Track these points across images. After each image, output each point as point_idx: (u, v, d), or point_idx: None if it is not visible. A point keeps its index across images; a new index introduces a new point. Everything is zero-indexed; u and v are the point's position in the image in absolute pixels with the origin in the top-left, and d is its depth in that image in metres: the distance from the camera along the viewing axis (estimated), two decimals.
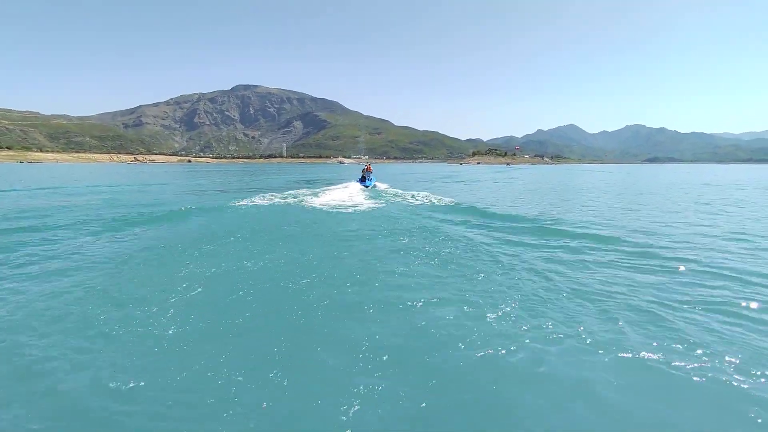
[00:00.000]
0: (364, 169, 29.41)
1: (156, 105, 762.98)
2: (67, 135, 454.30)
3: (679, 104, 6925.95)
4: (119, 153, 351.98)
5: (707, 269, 7.72)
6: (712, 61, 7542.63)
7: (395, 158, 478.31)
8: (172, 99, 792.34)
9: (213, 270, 7.35)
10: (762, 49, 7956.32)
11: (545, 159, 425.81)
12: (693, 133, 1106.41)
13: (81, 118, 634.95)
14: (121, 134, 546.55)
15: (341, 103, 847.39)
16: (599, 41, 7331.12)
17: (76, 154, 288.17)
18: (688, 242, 10.56)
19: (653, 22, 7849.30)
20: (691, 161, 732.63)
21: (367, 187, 25.58)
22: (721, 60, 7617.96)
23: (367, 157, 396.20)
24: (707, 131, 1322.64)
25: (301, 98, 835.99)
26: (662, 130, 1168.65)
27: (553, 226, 12.65)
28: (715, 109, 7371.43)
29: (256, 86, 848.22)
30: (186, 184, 36.94)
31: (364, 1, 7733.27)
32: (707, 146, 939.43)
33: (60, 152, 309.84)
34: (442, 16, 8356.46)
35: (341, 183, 29.68)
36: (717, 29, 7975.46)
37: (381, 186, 27.69)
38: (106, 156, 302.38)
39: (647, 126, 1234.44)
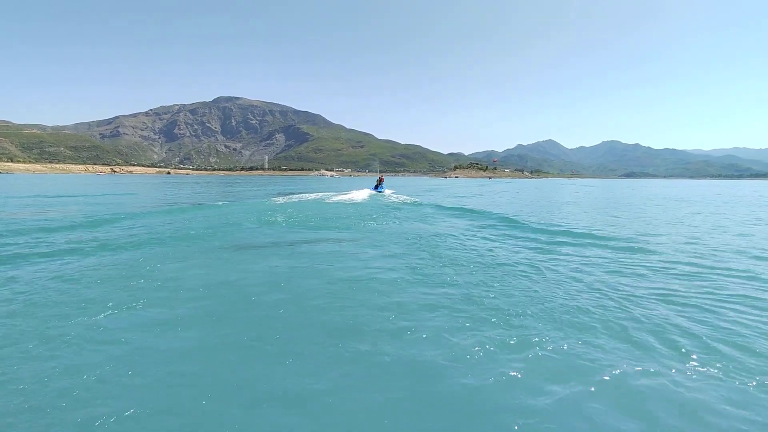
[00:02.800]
0: (377, 179, 37.11)
1: (134, 115, 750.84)
2: (41, 145, 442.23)
3: (653, 121, 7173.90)
4: (95, 164, 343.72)
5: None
6: (683, 81, 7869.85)
7: (377, 171, 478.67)
8: (151, 110, 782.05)
9: (189, 284, 6.74)
10: (730, 70, 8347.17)
11: (525, 173, 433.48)
12: (666, 149, 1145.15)
13: (55, 127, 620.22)
14: (97, 145, 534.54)
15: (324, 116, 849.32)
16: (577, 60, 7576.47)
17: (49, 165, 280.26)
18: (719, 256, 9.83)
19: (627, 46, 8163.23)
20: (665, 176, 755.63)
21: (380, 192, 33.52)
22: (691, 79, 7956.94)
23: (347, 170, 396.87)
24: (679, 147, 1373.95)
25: (284, 111, 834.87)
26: (637, 146, 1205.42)
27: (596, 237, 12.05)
28: (687, 126, 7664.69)
29: (238, 98, 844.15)
30: (165, 195, 35.20)
31: (349, 18, 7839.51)
32: (679, 162, 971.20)
33: (32, 163, 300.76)
34: (425, 34, 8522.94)
35: (357, 189, 36.70)
36: (686, 52, 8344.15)
37: (387, 192, 34.54)
38: (82, 167, 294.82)
39: (623, 142, 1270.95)
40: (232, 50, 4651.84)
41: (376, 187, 35.01)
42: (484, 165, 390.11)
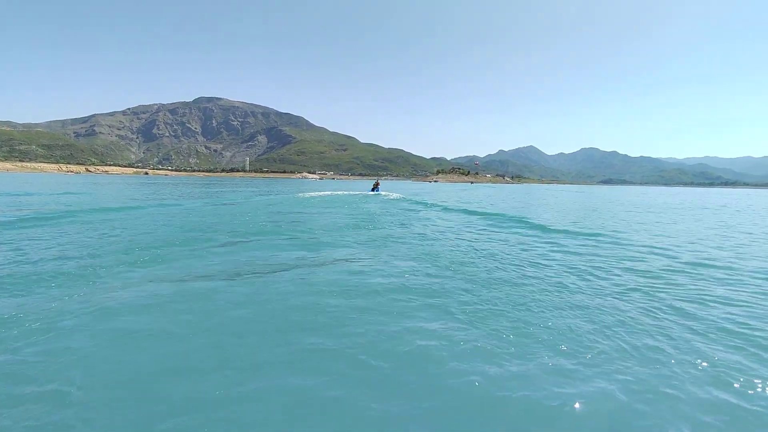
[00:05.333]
0: (374, 183, 45.40)
1: (112, 114, 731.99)
2: (11, 143, 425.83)
3: (630, 129, 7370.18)
4: (69, 163, 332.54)
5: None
6: (660, 92, 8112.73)
7: (360, 175, 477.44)
8: (129, 109, 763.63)
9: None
10: (704, 85, 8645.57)
11: (506, 178, 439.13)
12: (642, 157, 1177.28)
13: (27, 125, 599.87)
14: (72, 143, 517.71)
15: (307, 118, 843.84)
16: (561, 71, 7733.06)
17: (20, 164, 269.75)
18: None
19: (608, 60, 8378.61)
20: (641, 183, 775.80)
21: (377, 193, 40.88)
22: (667, 91, 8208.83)
23: (329, 173, 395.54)
24: (654, 155, 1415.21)
25: (266, 112, 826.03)
26: (614, 153, 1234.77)
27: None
28: (662, 135, 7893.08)
29: (219, 99, 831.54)
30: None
31: (333, 22, 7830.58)
32: (655, 170, 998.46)
33: (1, 161, 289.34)
34: (411, 41, 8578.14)
35: (358, 191, 46.17)
36: (663, 67, 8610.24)
37: (383, 193, 41.65)
38: (55, 166, 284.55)
39: (601, 149, 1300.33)
40: (213, 50, 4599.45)
41: (373, 189, 43.03)
42: (465, 170, 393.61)
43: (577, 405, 3.42)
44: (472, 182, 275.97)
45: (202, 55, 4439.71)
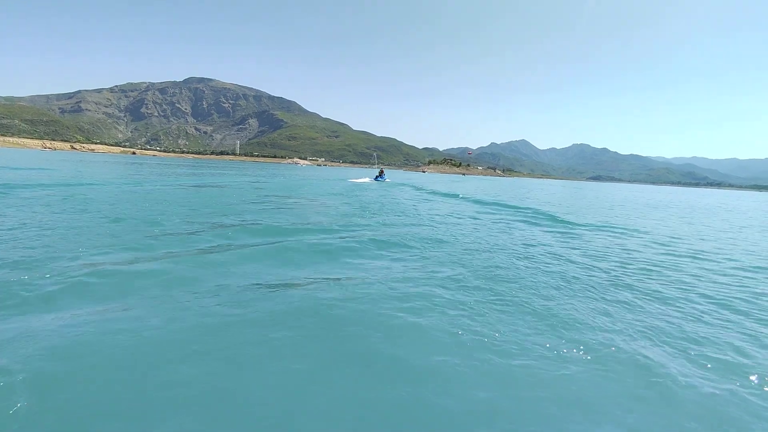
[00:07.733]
0: (379, 171, 46.51)
1: (99, 91, 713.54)
2: None
3: (620, 127, 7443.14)
4: (54, 140, 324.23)
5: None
6: (649, 89, 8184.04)
7: (352, 162, 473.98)
8: (117, 86, 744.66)
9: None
10: (692, 81, 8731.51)
11: (497, 171, 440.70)
12: (631, 154, 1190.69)
13: (9, 98, 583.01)
14: (56, 119, 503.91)
15: (299, 103, 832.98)
16: (556, 66, 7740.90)
17: (1, 138, 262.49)
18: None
19: (595, 51, 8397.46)
20: (630, 181, 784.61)
21: (382, 180, 42.54)
22: (656, 88, 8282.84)
23: (321, 160, 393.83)
24: (643, 154, 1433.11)
25: (258, 95, 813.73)
26: (605, 150, 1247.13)
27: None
28: (651, 133, 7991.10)
29: (210, 80, 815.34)
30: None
31: (328, 6, 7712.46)
32: (643, 168, 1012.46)
33: None
34: (407, 29, 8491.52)
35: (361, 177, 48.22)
36: (651, 62, 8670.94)
37: (388, 180, 44.02)
38: (38, 142, 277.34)
39: (592, 146, 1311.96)
40: (205, 29, 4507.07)
41: (377, 178, 44.07)
42: (457, 161, 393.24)
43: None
44: (464, 174, 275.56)
45: (193, 34, 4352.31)
